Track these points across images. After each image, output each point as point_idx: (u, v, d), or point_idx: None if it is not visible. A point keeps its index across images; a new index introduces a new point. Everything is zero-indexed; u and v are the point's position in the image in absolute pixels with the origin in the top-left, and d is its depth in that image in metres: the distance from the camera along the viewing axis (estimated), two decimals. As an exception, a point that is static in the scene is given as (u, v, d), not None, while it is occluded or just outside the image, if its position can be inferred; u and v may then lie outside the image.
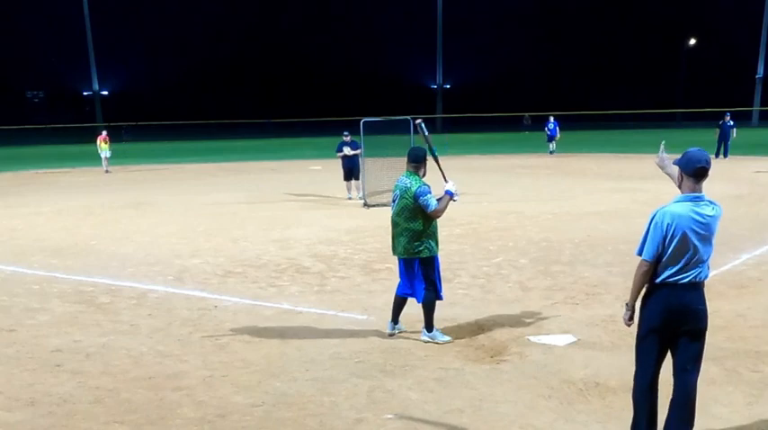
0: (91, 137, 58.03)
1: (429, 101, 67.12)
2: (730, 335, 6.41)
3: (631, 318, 4.27)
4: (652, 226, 4.11)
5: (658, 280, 4.10)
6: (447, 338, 6.43)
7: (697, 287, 4.15)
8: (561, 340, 6.39)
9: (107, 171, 26.54)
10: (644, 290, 4.19)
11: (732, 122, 26.22)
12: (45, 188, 21.38)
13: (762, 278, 8.56)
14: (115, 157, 27.61)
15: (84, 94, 66.18)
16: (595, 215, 13.52)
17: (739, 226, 11.95)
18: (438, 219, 6.26)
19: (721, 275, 8.70)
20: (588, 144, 36.98)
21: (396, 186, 6.37)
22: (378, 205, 15.35)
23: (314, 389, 5.40)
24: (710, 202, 4.14)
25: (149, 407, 5.12)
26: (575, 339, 6.41)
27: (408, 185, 6.18)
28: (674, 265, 4.06)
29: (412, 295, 6.43)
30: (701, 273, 4.14)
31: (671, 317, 4.09)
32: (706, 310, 4.20)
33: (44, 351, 6.37)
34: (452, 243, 11.06)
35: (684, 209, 4.06)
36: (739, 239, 10.75)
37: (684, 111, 62.16)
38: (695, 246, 4.04)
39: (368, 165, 16.08)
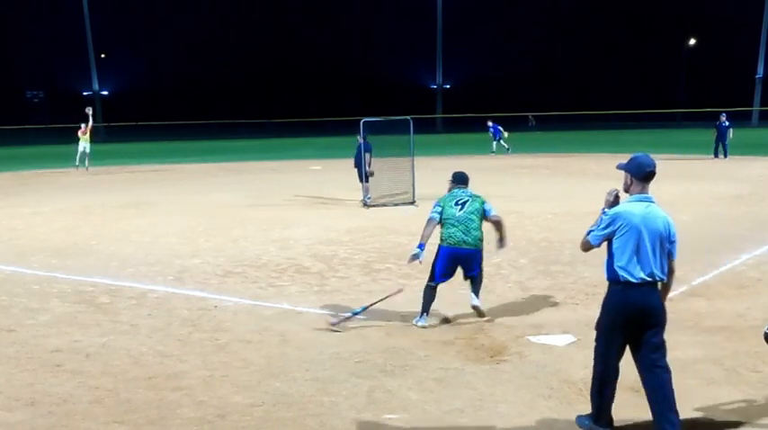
0: (91, 137, 57.93)
1: (429, 101, 67.09)
2: (730, 335, 6.41)
3: None
4: (606, 221, 4.52)
5: (616, 278, 4.38)
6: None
7: (653, 286, 4.39)
8: (561, 340, 6.40)
9: (78, 167, 25.58)
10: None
11: (728, 122, 26.14)
12: (45, 188, 21.37)
13: (762, 278, 8.56)
14: (114, 157, 27.51)
15: (84, 93, 66.10)
16: (595, 215, 13.46)
17: (739, 226, 11.96)
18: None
19: (721, 275, 8.71)
20: (588, 144, 36.95)
21: (454, 194, 7.33)
22: (378, 205, 15.36)
23: (314, 389, 5.40)
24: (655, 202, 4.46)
25: (149, 407, 5.12)
26: (575, 339, 6.41)
27: (475, 193, 7.34)
28: (630, 262, 4.32)
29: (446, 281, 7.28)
30: (654, 270, 4.35)
31: (629, 312, 4.34)
32: (663, 307, 4.44)
33: (44, 351, 6.37)
34: (452, 243, 11.06)
35: (638, 209, 4.38)
36: (739, 239, 10.76)
37: (684, 111, 62.14)
38: (649, 243, 4.32)
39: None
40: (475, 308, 7.15)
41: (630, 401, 5.04)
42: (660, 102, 63.36)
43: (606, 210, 4.62)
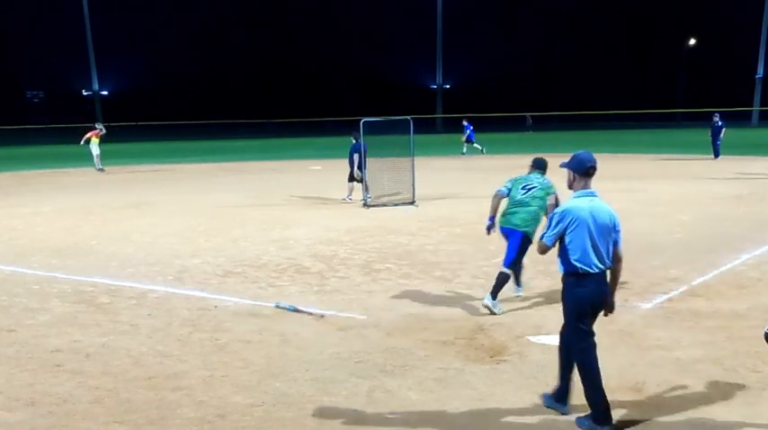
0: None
1: (429, 101, 67.11)
2: (730, 335, 6.41)
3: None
4: (556, 218, 4.72)
5: (574, 271, 4.65)
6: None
7: (605, 274, 4.70)
8: (561, 340, 6.39)
9: (100, 169, 26.29)
10: (564, 278, 4.79)
11: (721, 122, 26.03)
12: (45, 188, 21.37)
13: (762, 278, 8.56)
14: (114, 157, 27.53)
15: (84, 93, 66.15)
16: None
17: (739, 226, 11.96)
18: (439, 219, 6.71)
19: (721, 275, 8.71)
20: (588, 144, 36.94)
21: (527, 178, 7.71)
22: (378, 205, 15.35)
23: (314, 389, 5.40)
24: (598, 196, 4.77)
25: (149, 407, 5.12)
26: (575, 339, 6.40)
27: (548, 183, 7.61)
28: (585, 255, 4.60)
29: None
30: (605, 259, 4.65)
31: (591, 299, 4.67)
32: (608, 291, 4.76)
33: (44, 351, 6.37)
34: (452, 243, 11.06)
35: (584, 204, 4.67)
36: (739, 239, 10.76)
37: (684, 111, 62.17)
38: (596, 235, 4.61)
39: (368, 165, 16.07)
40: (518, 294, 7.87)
41: (631, 401, 5.04)
42: (660, 102, 63.41)
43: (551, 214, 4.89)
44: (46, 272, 9.62)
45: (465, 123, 32.04)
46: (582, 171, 4.73)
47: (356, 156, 15.79)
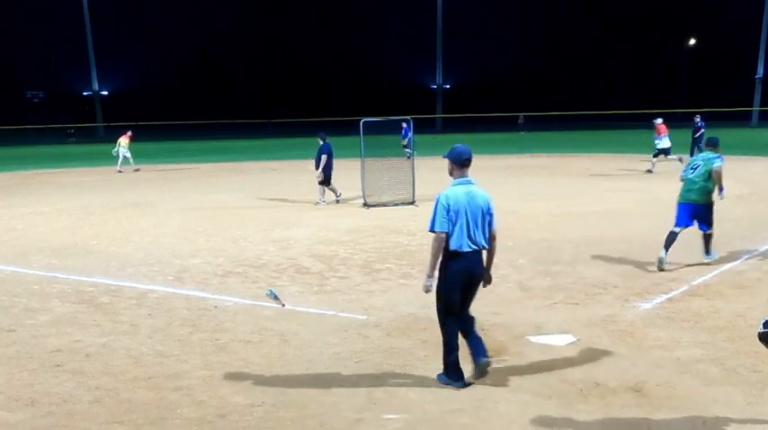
0: (91, 137, 58.01)
1: (429, 101, 67.10)
2: (730, 335, 6.41)
3: (430, 289, 5.39)
4: (439, 206, 5.24)
5: (451, 249, 5.23)
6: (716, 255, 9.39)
7: (479, 253, 5.36)
8: (561, 340, 6.40)
9: (121, 170, 26.58)
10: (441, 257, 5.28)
11: (702, 123, 25.90)
12: (45, 188, 21.37)
13: (762, 278, 8.56)
14: (111, 157, 27.52)
15: (84, 93, 66.15)
16: (595, 215, 13.52)
17: (739, 226, 11.95)
18: None
19: (721, 275, 8.71)
20: (588, 144, 36.98)
21: (694, 159, 9.69)
22: (377, 205, 15.34)
23: (314, 389, 5.40)
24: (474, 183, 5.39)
25: (149, 407, 5.12)
26: (575, 339, 6.41)
27: (711, 157, 9.24)
28: (460, 237, 5.21)
29: (686, 227, 9.28)
30: (479, 239, 5.30)
31: (464, 275, 5.30)
32: (483, 268, 5.46)
33: (44, 351, 6.37)
34: (452, 243, 11.06)
35: (460, 191, 5.28)
36: (739, 239, 10.75)
37: (684, 111, 62.15)
38: (471, 218, 5.23)
39: (368, 165, 16.07)
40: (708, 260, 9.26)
41: (631, 401, 5.05)
42: (660, 102, 63.38)
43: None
44: (46, 272, 9.62)
45: (404, 125, 28.94)
46: (459, 162, 5.36)
47: (323, 158, 15.69)
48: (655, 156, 22.12)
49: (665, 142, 21.82)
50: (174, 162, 30.77)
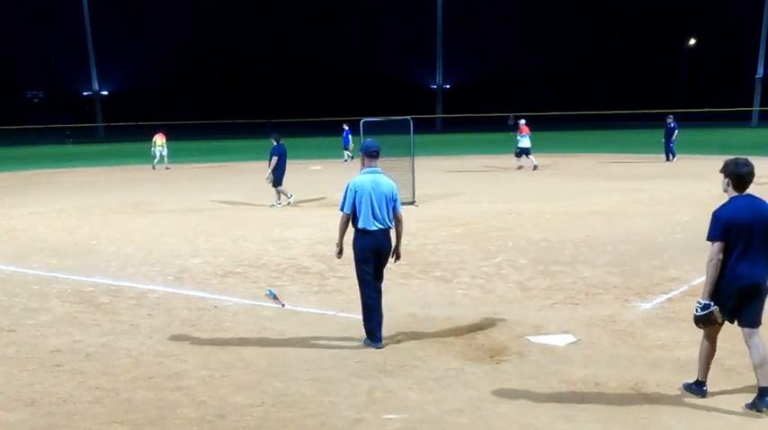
0: (91, 136, 58.03)
1: (429, 101, 67.12)
2: (730, 335, 6.39)
3: (341, 253, 6.51)
4: (348, 191, 6.23)
5: (360, 227, 6.22)
6: None
7: (384, 231, 6.27)
8: (561, 340, 6.39)
9: (155, 168, 27.19)
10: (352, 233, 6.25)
11: (674, 124, 25.84)
12: (45, 188, 21.37)
13: (762, 278, 8.55)
14: (113, 157, 27.56)
15: (84, 94, 66.17)
16: (595, 215, 13.52)
17: (739, 226, 11.93)
18: (439, 219, 7.35)
19: (721, 275, 8.69)
20: (588, 144, 36.98)
21: None
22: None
23: (314, 389, 5.40)
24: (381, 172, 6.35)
25: (149, 407, 5.12)
26: (575, 339, 6.41)
27: None
28: (367, 217, 6.16)
29: None
30: (385, 220, 6.22)
31: (371, 249, 6.24)
32: (390, 244, 6.38)
33: (44, 351, 6.37)
34: (452, 243, 11.06)
35: (367, 178, 6.26)
36: (739, 239, 10.74)
37: (684, 111, 62.22)
38: (376, 202, 6.16)
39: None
40: None
41: (631, 401, 5.04)
42: (660, 102, 63.42)
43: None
44: (46, 272, 9.62)
45: (345, 128, 29.03)
46: (368, 154, 6.37)
47: (274, 159, 15.56)
48: (517, 155, 23.82)
49: (525, 142, 23.53)
50: (174, 162, 30.72)
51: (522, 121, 24.35)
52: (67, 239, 12.18)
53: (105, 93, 65.49)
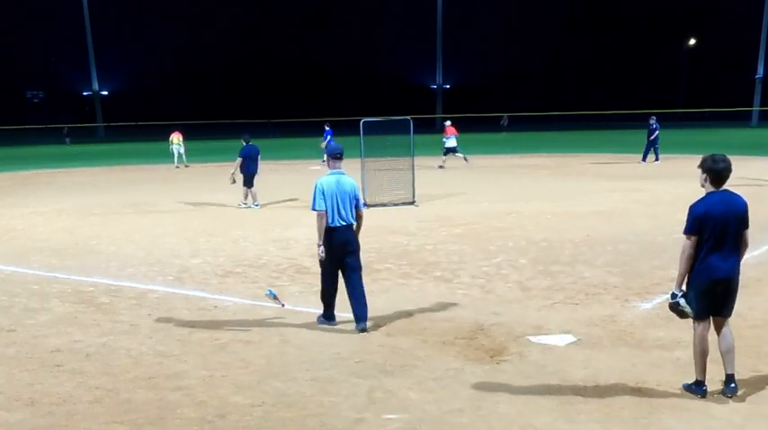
0: (91, 136, 57.97)
1: (429, 101, 67.09)
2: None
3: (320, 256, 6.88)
4: (316, 191, 6.80)
5: (330, 225, 6.73)
6: None
7: (348, 227, 6.83)
8: (561, 340, 6.40)
9: (177, 167, 27.82)
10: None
11: (656, 125, 25.78)
12: (45, 188, 21.37)
13: (761, 278, 8.57)
14: (114, 157, 27.58)
15: (84, 94, 66.16)
16: (595, 215, 13.52)
17: (739, 226, 11.94)
18: (439, 219, 7.73)
19: (721, 275, 8.69)
20: (588, 144, 36.97)
21: None
22: (377, 205, 15.33)
23: (314, 389, 5.40)
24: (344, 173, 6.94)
25: (149, 407, 5.12)
26: (575, 339, 6.41)
27: None
28: (333, 215, 6.72)
29: None
30: (348, 217, 6.80)
31: (338, 245, 6.78)
32: (354, 238, 6.91)
33: (44, 351, 6.38)
34: (452, 243, 11.07)
35: (332, 179, 6.84)
36: (739, 239, 10.74)
37: (684, 111, 62.20)
38: (340, 200, 6.75)
39: (367, 166, 16.06)
40: None
41: (631, 401, 5.05)
42: (660, 102, 63.40)
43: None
44: (46, 272, 9.63)
45: (327, 128, 28.45)
46: (332, 156, 7.04)
47: (238, 160, 15.66)
48: (445, 154, 25.33)
49: (451, 142, 25.41)
50: (173, 162, 30.72)
51: (448, 123, 26.21)
52: (67, 239, 12.18)
53: (105, 93, 65.46)
